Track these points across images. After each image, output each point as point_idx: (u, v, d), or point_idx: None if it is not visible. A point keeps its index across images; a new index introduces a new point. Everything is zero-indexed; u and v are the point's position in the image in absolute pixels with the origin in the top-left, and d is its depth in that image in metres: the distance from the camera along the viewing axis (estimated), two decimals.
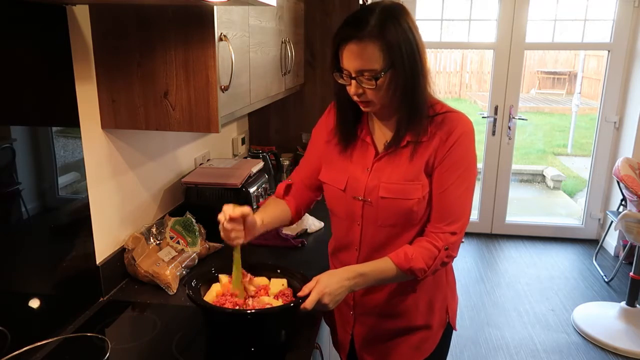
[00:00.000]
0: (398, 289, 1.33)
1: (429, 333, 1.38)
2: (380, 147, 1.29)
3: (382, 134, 1.30)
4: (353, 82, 1.17)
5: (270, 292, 1.29)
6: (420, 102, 1.19)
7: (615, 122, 4.14)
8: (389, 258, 1.22)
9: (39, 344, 1.23)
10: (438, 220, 1.23)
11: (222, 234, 1.24)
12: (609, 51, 4.05)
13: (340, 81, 1.21)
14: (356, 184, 1.29)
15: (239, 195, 1.93)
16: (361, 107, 1.24)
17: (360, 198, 1.28)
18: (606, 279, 3.70)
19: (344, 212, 1.33)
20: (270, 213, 1.37)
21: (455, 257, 1.27)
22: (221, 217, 1.22)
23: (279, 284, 1.31)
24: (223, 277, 1.32)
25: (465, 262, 4.02)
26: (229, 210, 1.21)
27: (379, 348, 1.41)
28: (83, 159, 1.43)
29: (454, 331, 1.45)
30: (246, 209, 1.23)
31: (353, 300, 1.37)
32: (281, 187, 1.46)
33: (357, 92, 1.18)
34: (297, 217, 1.46)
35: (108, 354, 1.24)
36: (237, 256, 1.27)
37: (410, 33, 1.15)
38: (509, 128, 4.27)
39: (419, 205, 1.23)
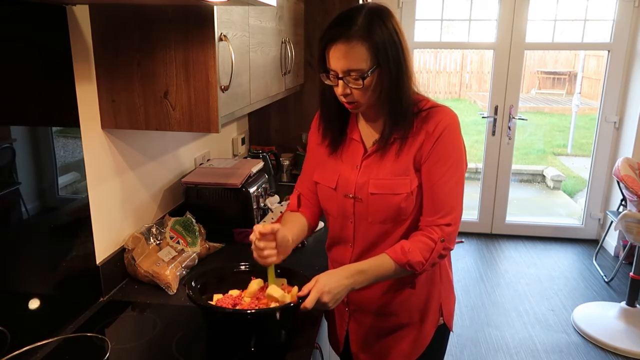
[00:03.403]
0: (391, 286, 1.34)
1: (421, 331, 1.38)
2: (369, 145, 1.31)
3: (369, 132, 1.32)
4: (340, 82, 1.19)
5: None
6: (405, 101, 1.21)
7: (615, 122, 4.14)
8: (386, 254, 1.23)
9: (39, 344, 1.23)
10: (432, 213, 1.24)
11: (254, 253, 1.24)
12: (609, 51, 4.05)
13: (327, 82, 1.23)
14: (346, 182, 1.31)
15: (239, 195, 1.93)
16: (348, 107, 1.25)
17: (351, 195, 1.30)
18: (606, 279, 3.70)
19: (337, 210, 1.35)
20: (295, 229, 1.36)
21: (452, 249, 1.27)
22: (252, 236, 1.23)
23: (279, 284, 1.31)
24: (254, 282, 1.31)
25: (465, 262, 4.02)
26: (259, 228, 1.21)
27: (372, 345, 1.42)
28: (83, 159, 1.43)
29: (451, 332, 1.45)
30: (276, 226, 1.23)
31: (347, 296, 1.38)
32: (294, 199, 1.46)
33: (344, 92, 1.20)
34: (315, 225, 1.47)
35: (108, 354, 1.24)
36: (271, 274, 1.26)
37: (395, 34, 1.17)
38: (509, 128, 4.27)
39: (407, 201, 1.24)
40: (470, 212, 4.55)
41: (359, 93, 1.19)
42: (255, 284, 1.30)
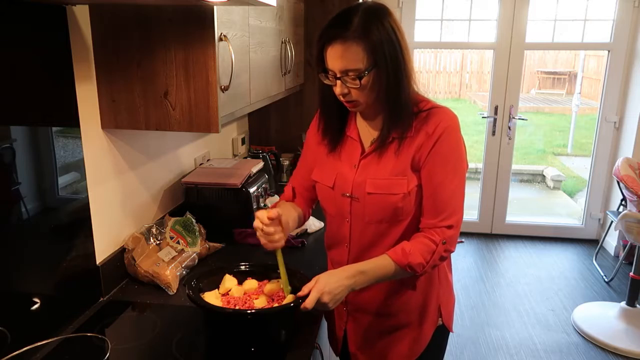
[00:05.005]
0: (389, 288, 1.34)
1: (420, 332, 1.38)
2: (367, 144, 1.31)
3: (367, 130, 1.32)
4: (338, 82, 1.19)
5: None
6: (403, 100, 1.21)
7: (615, 122, 4.14)
8: (386, 255, 1.23)
9: (39, 344, 1.23)
10: (433, 215, 1.24)
11: (263, 240, 1.25)
12: (609, 51, 4.05)
13: (326, 81, 1.23)
14: (344, 181, 1.31)
15: (239, 195, 1.93)
16: (347, 106, 1.26)
17: (348, 195, 1.30)
18: (606, 279, 3.70)
19: (334, 209, 1.35)
20: (292, 216, 1.38)
21: (453, 251, 1.27)
22: (258, 223, 1.24)
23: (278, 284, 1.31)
24: (229, 278, 1.33)
25: (465, 262, 4.02)
26: (265, 214, 1.22)
27: (371, 346, 1.42)
28: (83, 159, 1.43)
29: (451, 333, 1.45)
30: (280, 210, 1.26)
31: (346, 296, 1.38)
32: (289, 190, 1.47)
33: (343, 91, 1.20)
34: (307, 217, 1.49)
35: (108, 354, 1.24)
36: (280, 258, 1.28)
37: (393, 33, 1.17)
38: (509, 128, 4.27)
39: (404, 201, 1.24)
40: (470, 212, 4.55)
41: (357, 92, 1.19)
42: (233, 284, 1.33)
